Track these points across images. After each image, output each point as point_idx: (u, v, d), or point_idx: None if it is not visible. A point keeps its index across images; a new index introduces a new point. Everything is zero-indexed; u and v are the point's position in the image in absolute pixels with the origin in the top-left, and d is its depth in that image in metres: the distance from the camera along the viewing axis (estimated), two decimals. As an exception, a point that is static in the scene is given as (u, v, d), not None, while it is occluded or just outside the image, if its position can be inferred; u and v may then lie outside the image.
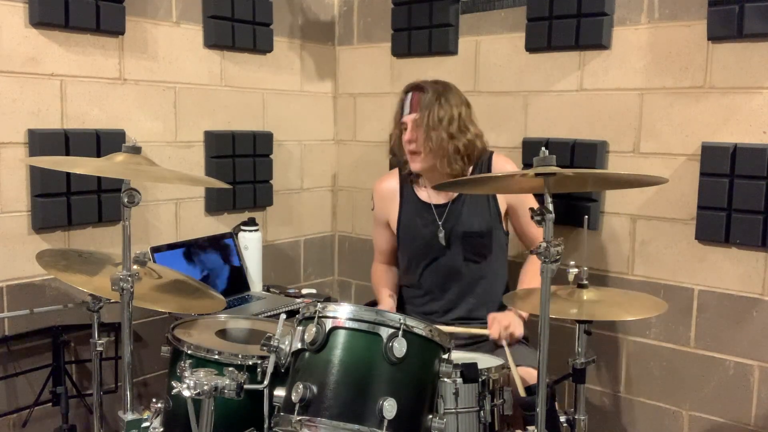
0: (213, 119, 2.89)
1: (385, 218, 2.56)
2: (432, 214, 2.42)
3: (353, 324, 1.60)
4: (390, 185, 2.55)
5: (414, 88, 2.38)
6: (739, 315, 2.38)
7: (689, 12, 2.39)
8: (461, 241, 2.39)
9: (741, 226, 2.31)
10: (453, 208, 2.40)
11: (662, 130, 2.48)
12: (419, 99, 2.34)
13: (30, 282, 2.39)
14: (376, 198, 2.60)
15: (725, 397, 2.44)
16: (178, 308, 2.13)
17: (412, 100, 2.36)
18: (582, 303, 1.92)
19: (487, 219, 2.40)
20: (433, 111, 2.30)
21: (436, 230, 2.40)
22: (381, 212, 2.58)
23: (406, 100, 2.38)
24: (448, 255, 2.41)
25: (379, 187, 2.60)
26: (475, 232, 2.38)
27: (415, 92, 2.36)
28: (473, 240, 2.38)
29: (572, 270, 1.94)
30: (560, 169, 1.61)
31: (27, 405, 2.36)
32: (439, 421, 1.62)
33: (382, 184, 2.59)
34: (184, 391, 1.52)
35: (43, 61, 2.36)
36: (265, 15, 2.99)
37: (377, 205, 2.59)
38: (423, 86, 2.36)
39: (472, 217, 2.40)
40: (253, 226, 2.90)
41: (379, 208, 2.58)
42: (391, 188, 2.54)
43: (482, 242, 2.39)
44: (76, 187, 2.42)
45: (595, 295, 1.95)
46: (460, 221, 2.39)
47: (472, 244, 2.39)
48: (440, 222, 2.40)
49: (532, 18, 2.71)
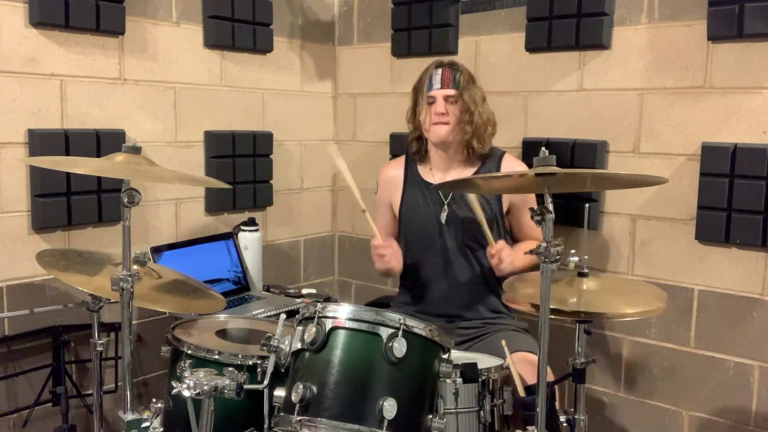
0: (213, 119, 2.89)
1: (388, 200, 2.58)
2: (437, 194, 2.45)
3: (353, 324, 1.60)
4: (395, 170, 2.58)
5: (444, 65, 2.41)
6: (739, 315, 2.38)
7: (689, 12, 2.39)
8: (461, 225, 2.40)
9: (741, 226, 2.31)
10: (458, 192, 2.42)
11: (662, 130, 2.49)
12: (452, 75, 2.38)
13: (30, 282, 2.39)
14: (381, 181, 2.61)
15: (725, 397, 2.44)
16: (178, 308, 2.13)
17: (443, 76, 2.38)
18: (582, 292, 1.90)
19: (489, 209, 2.41)
20: (470, 88, 2.38)
21: (440, 210, 2.42)
22: (384, 195, 2.59)
23: (435, 75, 2.39)
24: (446, 238, 2.42)
25: (384, 170, 2.62)
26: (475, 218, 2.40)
27: (446, 69, 2.39)
28: (473, 226, 2.38)
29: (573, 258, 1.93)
30: (560, 169, 1.60)
31: (27, 405, 2.36)
32: (439, 421, 1.62)
33: (388, 168, 2.62)
34: (184, 391, 1.52)
35: (43, 61, 2.36)
36: (265, 15, 2.99)
37: (381, 188, 2.61)
38: (455, 64, 2.42)
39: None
40: (253, 226, 2.90)
41: (383, 191, 2.60)
42: (397, 173, 2.57)
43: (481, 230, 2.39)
44: (76, 187, 2.42)
45: (595, 284, 1.93)
46: (463, 206, 2.40)
47: (471, 231, 2.39)
48: (446, 202, 2.42)
49: (532, 18, 2.71)
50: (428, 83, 2.40)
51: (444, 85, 2.37)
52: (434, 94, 2.38)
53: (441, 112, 2.36)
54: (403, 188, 2.53)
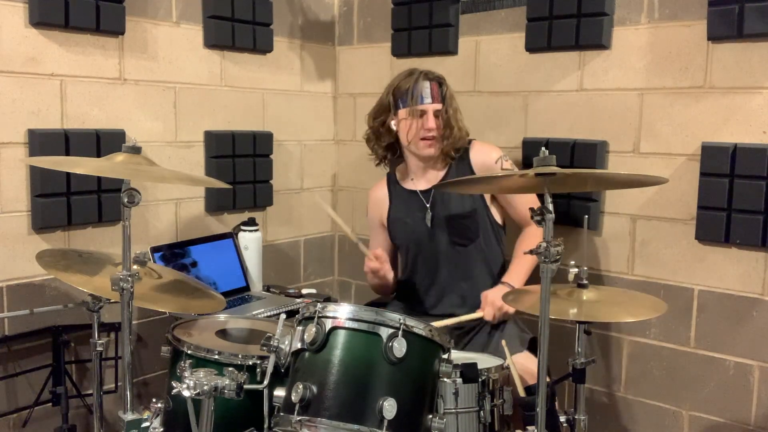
0: (213, 119, 2.89)
1: (379, 219, 2.65)
2: (420, 200, 2.50)
3: (353, 324, 1.61)
4: (381, 190, 2.66)
5: (430, 78, 2.43)
6: (739, 315, 2.38)
7: (689, 12, 2.39)
8: (446, 224, 2.44)
9: (741, 226, 2.31)
10: (438, 192, 2.47)
11: (662, 130, 2.48)
12: (439, 90, 2.42)
13: (30, 282, 2.38)
14: (370, 204, 2.71)
15: (725, 397, 2.44)
16: (178, 308, 2.13)
17: (431, 89, 2.40)
18: (582, 303, 1.92)
19: (471, 201, 2.44)
20: (453, 102, 2.44)
21: (424, 214, 2.47)
22: (374, 215, 2.67)
23: (425, 88, 2.40)
24: (434, 239, 2.46)
25: (372, 193, 2.70)
26: (459, 214, 2.44)
27: (433, 83, 2.42)
28: (458, 222, 2.43)
29: (572, 270, 1.95)
30: (560, 169, 1.61)
31: (27, 405, 2.36)
32: (439, 421, 1.62)
33: (374, 191, 2.70)
34: (184, 391, 1.52)
35: (43, 61, 2.36)
36: (265, 15, 2.99)
37: (371, 210, 2.69)
38: (440, 77, 2.45)
39: (456, 199, 2.45)
40: (253, 226, 2.90)
41: (373, 212, 2.68)
42: (382, 193, 2.65)
43: (467, 225, 2.43)
44: (76, 187, 2.42)
45: (595, 295, 1.95)
46: (445, 205, 2.45)
47: (457, 227, 2.43)
48: (428, 205, 2.47)
49: (532, 18, 2.71)
50: (419, 95, 2.39)
51: (434, 100, 2.40)
52: (426, 108, 2.39)
53: (432, 127, 2.39)
54: (389, 204, 2.60)
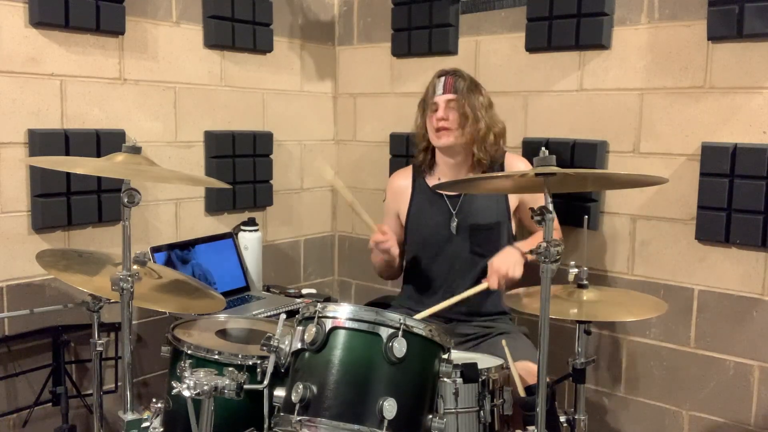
0: (213, 119, 2.89)
1: (396, 210, 2.60)
2: (445, 203, 2.46)
3: (353, 324, 1.60)
4: (404, 179, 2.61)
5: (447, 73, 2.44)
6: (739, 315, 2.38)
7: (689, 12, 2.39)
8: (470, 233, 2.43)
9: (741, 226, 2.31)
10: (466, 200, 2.44)
11: (662, 130, 2.48)
12: (454, 82, 2.41)
13: (30, 282, 2.39)
14: (389, 191, 2.65)
15: (725, 397, 2.44)
16: (178, 308, 2.13)
17: (445, 82, 2.41)
18: (582, 303, 1.93)
19: (496, 213, 2.43)
20: (472, 94, 2.41)
21: (449, 219, 2.44)
22: (392, 204, 2.62)
23: (438, 83, 2.43)
24: (455, 245, 2.44)
25: (393, 180, 2.66)
26: (485, 225, 2.42)
27: (449, 76, 2.42)
28: (482, 233, 2.42)
29: (572, 270, 1.95)
30: (560, 169, 1.61)
31: (27, 405, 2.36)
32: (439, 421, 1.62)
33: (396, 178, 2.65)
34: (184, 391, 1.52)
35: (43, 61, 2.36)
36: (265, 15, 2.99)
37: (389, 197, 2.64)
38: (458, 71, 2.45)
39: (484, 210, 2.43)
40: (253, 226, 2.90)
41: (391, 200, 2.63)
42: (405, 182, 2.59)
43: (490, 236, 2.42)
44: (76, 187, 2.42)
45: (595, 295, 1.95)
46: (472, 213, 2.43)
47: (480, 237, 2.42)
48: (454, 212, 2.44)
49: (532, 18, 2.71)
50: (432, 91, 2.44)
51: (446, 91, 2.41)
52: (437, 100, 2.42)
53: (441, 117, 2.39)
54: (410, 198, 2.55)
